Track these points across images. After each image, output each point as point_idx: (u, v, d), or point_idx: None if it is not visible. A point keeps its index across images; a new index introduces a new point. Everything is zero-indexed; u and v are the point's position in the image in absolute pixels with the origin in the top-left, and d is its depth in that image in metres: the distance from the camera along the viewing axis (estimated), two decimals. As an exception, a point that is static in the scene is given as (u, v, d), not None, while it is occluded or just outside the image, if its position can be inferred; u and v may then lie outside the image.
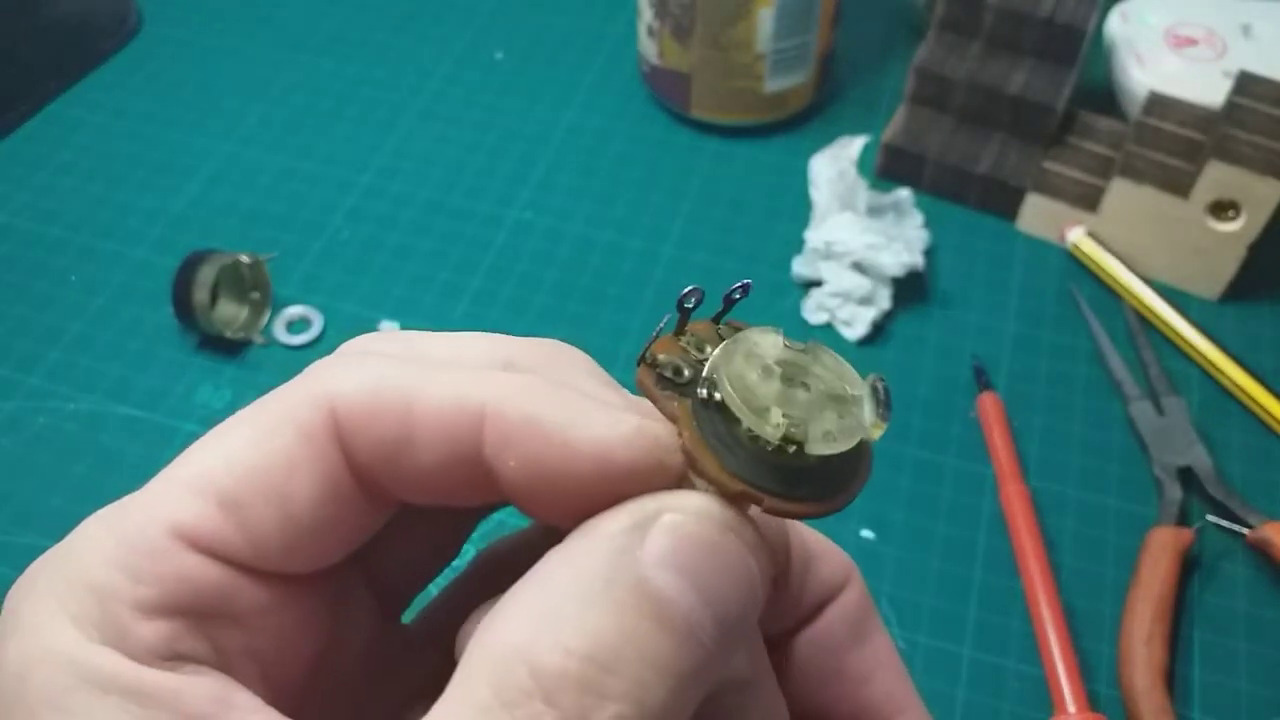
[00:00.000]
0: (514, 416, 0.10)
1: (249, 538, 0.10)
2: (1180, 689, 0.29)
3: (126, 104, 0.45)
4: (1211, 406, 0.35)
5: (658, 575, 0.09)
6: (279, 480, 0.10)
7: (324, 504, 0.10)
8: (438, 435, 0.10)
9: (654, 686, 0.08)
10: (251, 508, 0.10)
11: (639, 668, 0.08)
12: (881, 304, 0.37)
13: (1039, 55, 0.40)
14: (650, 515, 0.09)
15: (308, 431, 0.10)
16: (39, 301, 0.38)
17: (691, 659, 0.08)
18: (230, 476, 0.10)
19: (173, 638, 0.09)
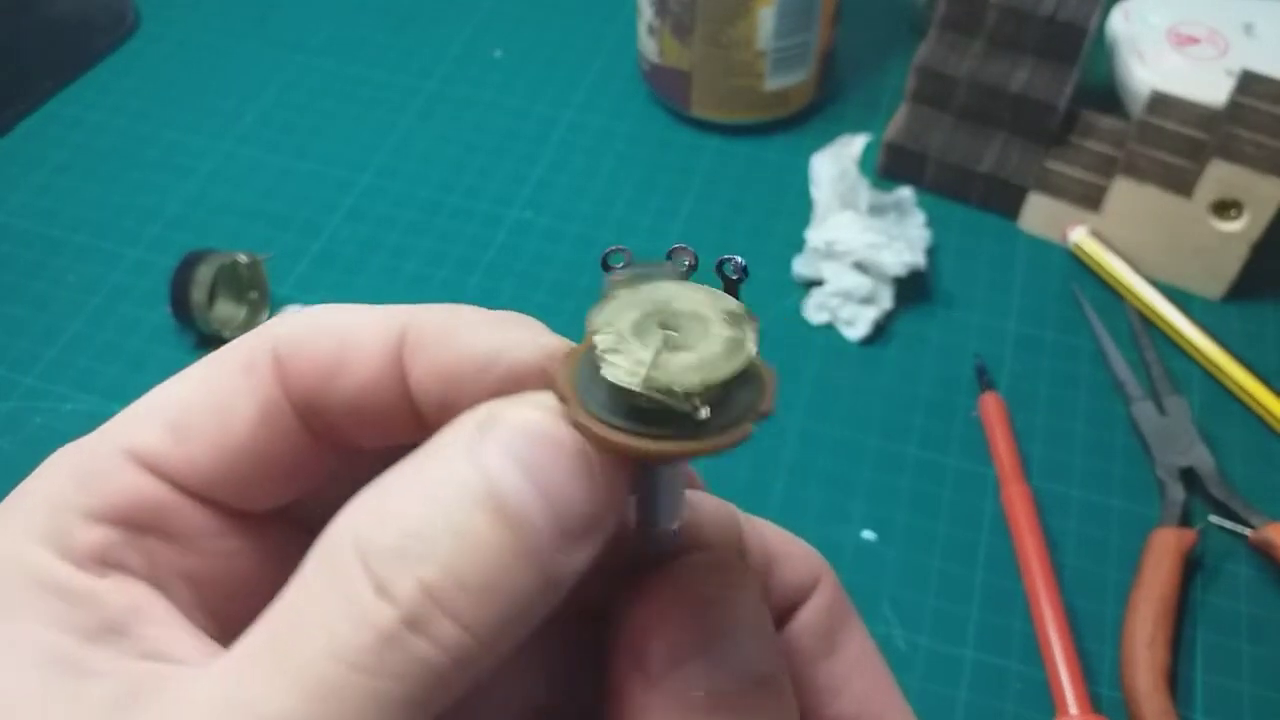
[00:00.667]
0: (429, 328, 0.10)
1: (188, 455, 0.11)
2: (1183, 691, 0.29)
3: (124, 103, 0.45)
4: (1214, 407, 0.35)
5: (488, 459, 0.09)
6: (220, 406, 0.11)
7: (261, 429, 0.11)
8: (365, 355, 0.10)
9: (468, 558, 0.08)
10: (193, 429, 0.11)
11: (455, 540, 0.08)
12: (883, 304, 0.37)
13: (1041, 54, 0.40)
14: (495, 411, 0.09)
15: (248, 364, 0.11)
16: (36, 301, 0.38)
17: (517, 539, 0.09)
18: (178, 405, 0.11)
19: (110, 545, 0.10)
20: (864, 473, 0.33)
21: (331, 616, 0.08)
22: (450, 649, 0.08)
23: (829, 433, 0.34)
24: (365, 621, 0.08)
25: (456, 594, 0.08)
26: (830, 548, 0.31)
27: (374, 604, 0.08)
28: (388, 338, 0.11)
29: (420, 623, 0.08)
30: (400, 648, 0.08)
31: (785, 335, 0.37)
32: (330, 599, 0.08)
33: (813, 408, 0.35)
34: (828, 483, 0.33)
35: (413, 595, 0.08)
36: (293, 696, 0.08)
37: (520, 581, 0.09)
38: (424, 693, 0.08)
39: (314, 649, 0.08)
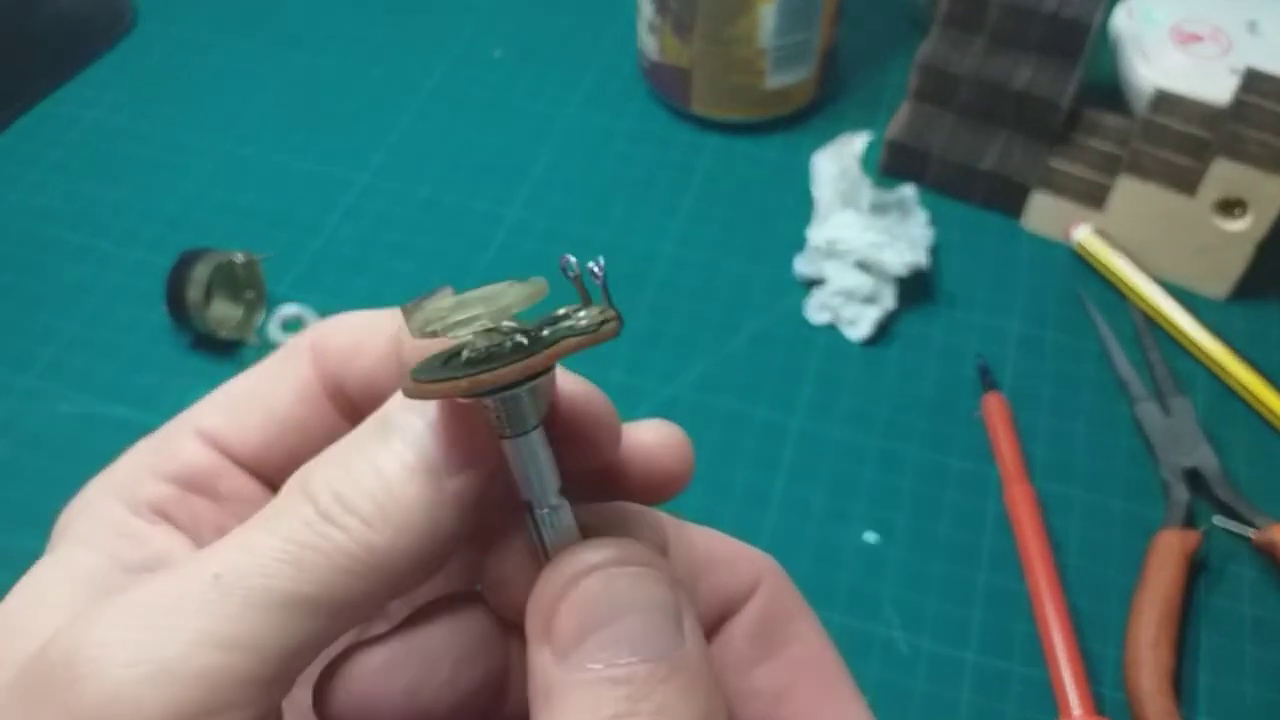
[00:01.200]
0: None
1: (238, 427, 0.14)
2: (1186, 692, 0.29)
3: (121, 101, 0.45)
4: (1218, 407, 0.35)
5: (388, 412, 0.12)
6: (265, 388, 0.14)
7: (298, 405, 0.14)
8: (374, 344, 0.13)
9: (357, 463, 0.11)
10: (244, 406, 0.14)
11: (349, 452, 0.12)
12: (885, 303, 0.36)
13: (1044, 51, 0.40)
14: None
15: (290, 353, 0.14)
16: (32, 301, 0.38)
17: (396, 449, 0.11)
18: (236, 390, 0.14)
19: (165, 499, 0.13)
20: (866, 474, 0.33)
21: (272, 514, 0.11)
22: (356, 536, 0.11)
23: (830, 433, 0.34)
24: (294, 513, 0.11)
25: (360, 497, 0.11)
26: (832, 549, 0.31)
27: (300, 503, 0.11)
28: (391, 331, 0.13)
29: (330, 516, 0.11)
30: (316, 531, 0.11)
31: (786, 335, 0.37)
32: (274, 507, 0.11)
33: (814, 408, 0.35)
34: (829, 484, 0.33)
35: (327, 498, 0.11)
36: (231, 553, 0.11)
37: (412, 490, 0.11)
38: (334, 568, 0.11)
39: (255, 531, 0.11)
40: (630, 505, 0.13)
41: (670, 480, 0.13)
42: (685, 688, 0.11)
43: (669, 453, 0.13)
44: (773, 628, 0.12)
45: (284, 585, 0.10)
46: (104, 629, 0.10)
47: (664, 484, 0.13)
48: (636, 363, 0.36)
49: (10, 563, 0.34)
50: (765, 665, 0.12)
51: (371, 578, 0.11)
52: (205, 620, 0.10)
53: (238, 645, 0.10)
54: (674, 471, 0.13)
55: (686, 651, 0.11)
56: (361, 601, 0.11)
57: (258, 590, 0.10)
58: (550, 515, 0.12)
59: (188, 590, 0.10)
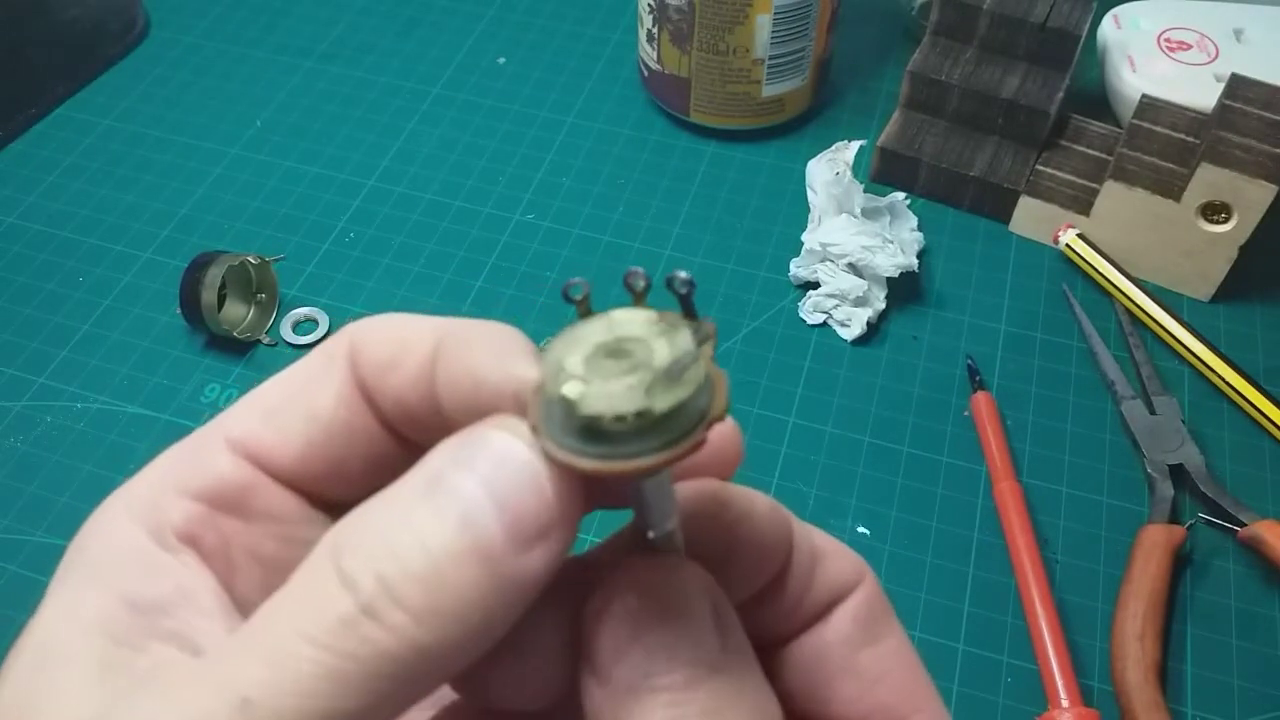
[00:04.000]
0: (450, 342, 0.12)
1: (277, 436, 0.12)
2: (1173, 684, 0.29)
3: (134, 108, 0.46)
4: (1203, 405, 0.36)
5: (444, 467, 0.10)
6: (304, 391, 0.12)
7: (339, 411, 0.12)
8: (413, 357, 0.12)
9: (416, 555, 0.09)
10: (282, 412, 0.12)
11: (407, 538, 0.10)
12: (877, 305, 0.37)
13: (1032, 60, 0.41)
14: (470, 430, 0.11)
15: (330, 355, 0.12)
16: (48, 302, 0.39)
17: (465, 539, 0.10)
18: (271, 394, 0.12)
19: (191, 520, 0.12)
20: (858, 470, 0.34)
21: (303, 604, 0.10)
22: (402, 636, 0.09)
23: (824, 431, 0.35)
24: (329, 607, 0.09)
25: (408, 586, 0.09)
26: (825, 543, 0.32)
27: (338, 592, 0.09)
28: (430, 344, 0.12)
29: (375, 610, 0.09)
30: (356, 631, 0.09)
31: (782, 335, 0.38)
32: (306, 590, 0.10)
33: (808, 406, 0.36)
34: (823, 480, 0.34)
35: (370, 586, 0.09)
36: (259, 667, 0.09)
37: (470, 578, 0.09)
38: (378, 675, 0.09)
39: (284, 629, 0.09)
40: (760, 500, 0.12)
41: (723, 468, 0.12)
42: (729, 690, 0.10)
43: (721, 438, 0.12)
44: (874, 619, 0.13)
45: (321, 705, 0.09)
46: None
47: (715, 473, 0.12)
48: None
49: (27, 559, 0.35)
50: (867, 650, 0.12)
51: (418, 680, 0.09)
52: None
53: None
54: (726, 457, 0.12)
55: (727, 654, 0.11)
56: (406, 701, 0.10)
57: (293, 714, 0.09)
58: (663, 538, 0.11)
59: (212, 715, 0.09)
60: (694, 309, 0.10)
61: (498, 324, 0.12)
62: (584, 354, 0.10)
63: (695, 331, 0.10)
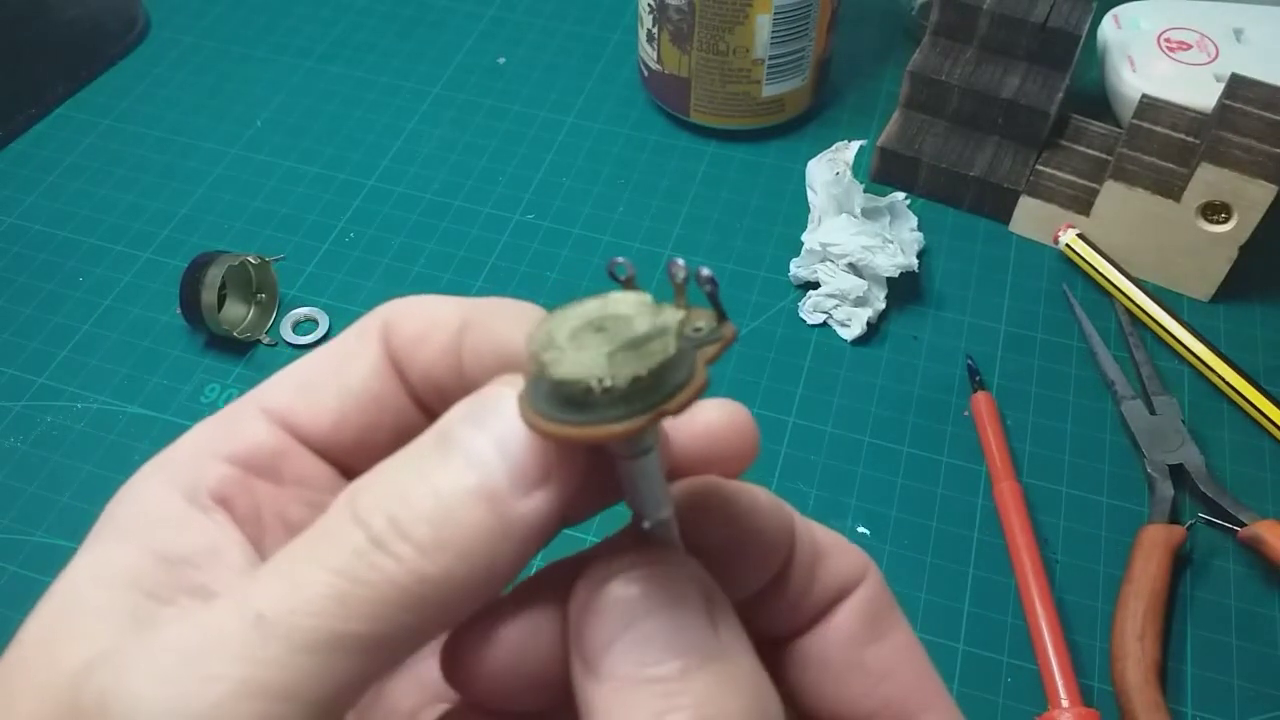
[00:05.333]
0: (475, 319, 0.12)
1: (310, 406, 0.13)
2: (1173, 684, 0.29)
3: (134, 108, 0.46)
4: (1203, 405, 0.36)
5: (447, 423, 0.11)
6: (339, 364, 0.13)
7: (372, 383, 0.13)
8: (441, 332, 0.12)
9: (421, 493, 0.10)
10: (318, 383, 0.13)
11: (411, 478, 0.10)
12: (877, 304, 0.37)
13: (1032, 60, 0.41)
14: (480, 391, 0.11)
15: (363, 331, 0.13)
16: (48, 302, 0.39)
17: (466, 479, 0.10)
18: (306, 367, 0.13)
19: (225, 482, 0.12)
20: (858, 470, 0.34)
21: (319, 539, 0.10)
22: (410, 567, 0.10)
23: (824, 431, 0.35)
24: (343, 540, 0.10)
25: (412, 521, 0.10)
26: (825, 543, 0.32)
27: (351, 528, 0.10)
28: (458, 321, 0.12)
29: (383, 543, 0.10)
30: (365, 559, 0.10)
31: (782, 335, 0.38)
32: (322, 528, 0.10)
33: (808, 406, 0.36)
34: (823, 480, 0.34)
35: (380, 522, 0.10)
36: (275, 588, 0.10)
37: (473, 516, 0.10)
38: (385, 601, 0.10)
39: (300, 559, 0.10)
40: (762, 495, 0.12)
41: (738, 463, 0.12)
42: (724, 678, 0.10)
43: (736, 434, 0.12)
44: (879, 615, 0.12)
45: (332, 625, 0.10)
46: (139, 678, 0.09)
47: (730, 468, 0.12)
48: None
49: (27, 559, 0.35)
50: (872, 647, 0.12)
51: (425, 612, 0.10)
52: (248, 667, 0.09)
53: (283, 694, 0.09)
54: (742, 453, 0.12)
55: (721, 643, 0.10)
56: (413, 636, 0.10)
57: (304, 631, 0.09)
58: (658, 529, 0.11)
59: (229, 631, 0.10)
60: (721, 307, 0.11)
61: (521, 301, 0.12)
62: (572, 327, 0.10)
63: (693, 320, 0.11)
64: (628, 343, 0.10)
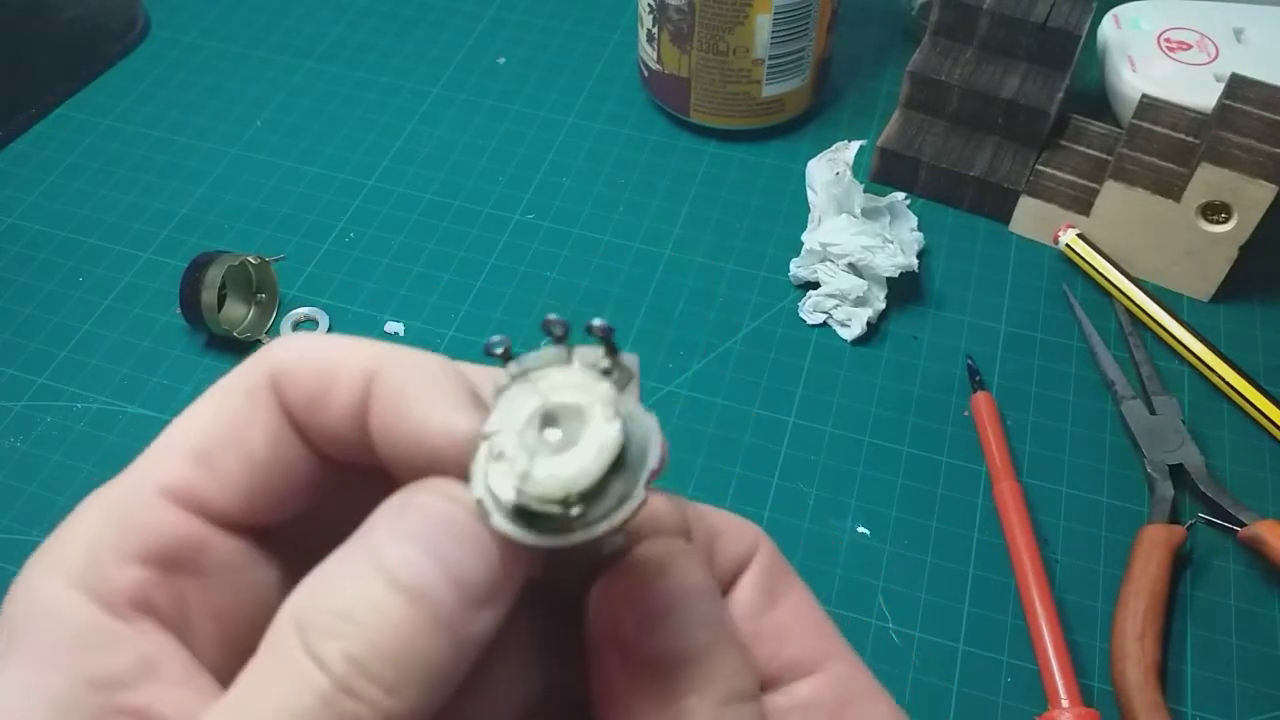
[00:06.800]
0: (387, 386, 0.11)
1: (219, 482, 0.12)
2: (1173, 684, 0.29)
3: (134, 108, 0.46)
4: (1203, 405, 0.36)
5: (391, 546, 0.10)
6: (236, 430, 0.12)
7: (274, 447, 0.12)
8: (341, 393, 0.12)
9: (381, 633, 0.10)
10: (218, 455, 0.12)
11: (370, 617, 0.10)
12: (877, 304, 0.37)
13: (1032, 60, 0.41)
14: (408, 498, 0.11)
15: (252, 389, 0.12)
16: (48, 302, 0.39)
17: (423, 612, 0.10)
18: (199, 435, 0.12)
19: (142, 585, 0.11)
20: (858, 470, 0.34)
21: (281, 685, 0.10)
22: (379, 708, 0.10)
23: (824, 431, 0.35)
24: (307, 687, 0.10)
25: (377, 662, 0.10)
26: (825, 542, 0.32)
27: (313, 673, 0.10)
28: (360, 382, 0.11)
29: (350, 688, 0.10)
30: (335, 708, 0.10)
31: (782, 335, 0.38)
32: (279, 671, 0.10)
33: (808, 406, 0.36)
34: (823, 480, 0.34)
35: (342, 665, 0.10)
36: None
37: (432, 647, 0.10)
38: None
39: (265, 710, 0.10)
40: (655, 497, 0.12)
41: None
42: (740, 659, 0.11)
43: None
44: (772, 582, 0.13)
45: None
46: None
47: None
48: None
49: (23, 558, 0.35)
50: (769, 614, 0.13)
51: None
52: None
53: None
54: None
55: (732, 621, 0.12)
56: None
57: None
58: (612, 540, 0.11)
59: None
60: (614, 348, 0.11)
61: (430, 359, 0.12)
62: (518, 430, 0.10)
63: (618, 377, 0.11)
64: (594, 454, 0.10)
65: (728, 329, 0.38)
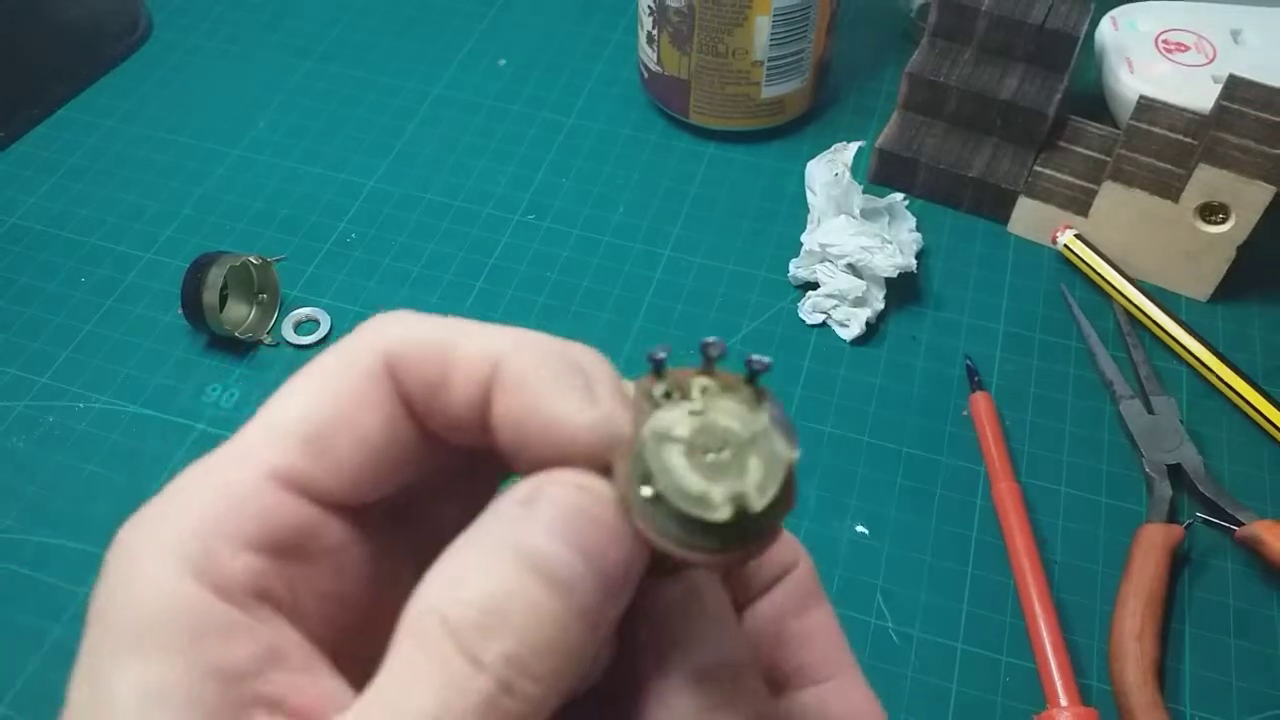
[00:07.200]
0: (512, 374, 0.11)
1: (333, 468, 0.11)
2: (1171, 683, 0.29)
3: (136, 109, 0.46)
4: (1201, 405, 0.36)
5: (539, 537, 0.10)
6: (351, 414, 0.11)
7: (389, 431, 0.12)
8: (464, 381, 0.11)
9: (535, 628, 0.10)
10: (332, 440, 0.11)
11: (524, 615, 0.10)
12: (875, 305, 0.37)
13: (1030, 61, 0.41)
14: (537, 488, 0.11)
15: (369, 373, 0.12)
16: (50, 302, 0.39)
17: (570, 605, 0.10)
18: (312, 418, 0.11)
19: (259, 573, 0.11)
20: (858, 469, 0.34)
21: (438, 687, 0.10)
22: (533, 701, 0.10)
23: (823, 431, 0.35)
24: (469, 689, 0.10)
25: (532, 658, 0.10)
26: (825, 542, 0.32)
27: (472, 675, 0.10)
28: (484, 369, 0.11)
29: (510, 686, 0.10)
30: (498, 707, 0.10)
31: (781, 336, 0.38)
32: (434, 672, 0.10)
33: (807, 406, 0.36)
34: (823, 479, 0.34)
35: (501, 665, 0.10)
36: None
37: (580, 638, 0.10)
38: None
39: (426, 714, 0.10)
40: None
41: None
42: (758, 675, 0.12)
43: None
44: (806, 594, 0.14)
45: None
46: None
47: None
48: (637, 362, 0.37)
49: (28, 559, 0.35)
50: (798, 619, 0.14)
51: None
52: None
53: None
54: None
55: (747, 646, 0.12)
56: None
57: None
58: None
59: None
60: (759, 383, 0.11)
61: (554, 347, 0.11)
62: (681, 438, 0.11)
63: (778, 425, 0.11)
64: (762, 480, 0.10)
65: (727, 329, 0.38)
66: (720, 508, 0.10)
